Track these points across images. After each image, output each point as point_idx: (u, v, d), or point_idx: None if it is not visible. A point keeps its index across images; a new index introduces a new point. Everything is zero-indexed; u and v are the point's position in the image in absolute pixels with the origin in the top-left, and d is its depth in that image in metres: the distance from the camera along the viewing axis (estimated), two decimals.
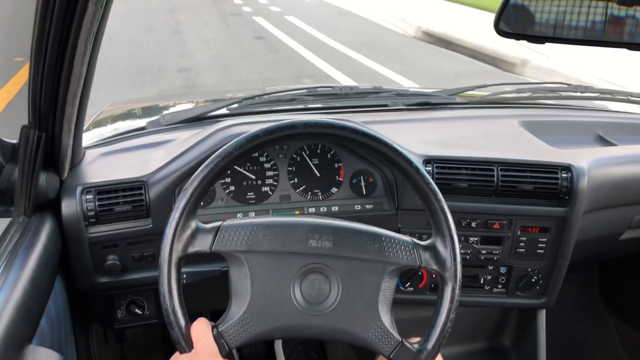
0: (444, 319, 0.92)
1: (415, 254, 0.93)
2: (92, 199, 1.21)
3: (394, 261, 0.92)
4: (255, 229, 0.91)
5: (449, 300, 0.92)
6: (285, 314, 0.90)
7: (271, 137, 0.91)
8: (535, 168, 1.36)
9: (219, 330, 0.88)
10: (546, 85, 1.78)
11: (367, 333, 0.91)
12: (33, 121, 1.03)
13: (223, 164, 0.90)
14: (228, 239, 0.90)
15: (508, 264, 1.44)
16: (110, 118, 1.83)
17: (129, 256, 1.27)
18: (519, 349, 1.72)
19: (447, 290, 0.92)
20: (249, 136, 0.90)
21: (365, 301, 0.91)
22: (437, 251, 0.94)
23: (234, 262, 0.90)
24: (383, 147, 0.94)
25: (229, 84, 5.99)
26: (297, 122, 0.92)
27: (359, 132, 0.93)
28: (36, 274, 0.97)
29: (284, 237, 0.91)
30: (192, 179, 0.89)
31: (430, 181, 0.94)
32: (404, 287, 1.43)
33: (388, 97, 1.66)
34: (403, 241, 0.93)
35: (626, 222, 1.54)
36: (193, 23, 10.00)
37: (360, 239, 0.92)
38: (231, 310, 0.90)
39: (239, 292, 0.90)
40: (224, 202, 1.34)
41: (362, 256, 0.91)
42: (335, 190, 1.38)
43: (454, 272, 0.92)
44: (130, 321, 1.37)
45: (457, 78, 6.40)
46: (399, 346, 0.91)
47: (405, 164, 0.94)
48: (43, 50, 0.92)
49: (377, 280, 0.91)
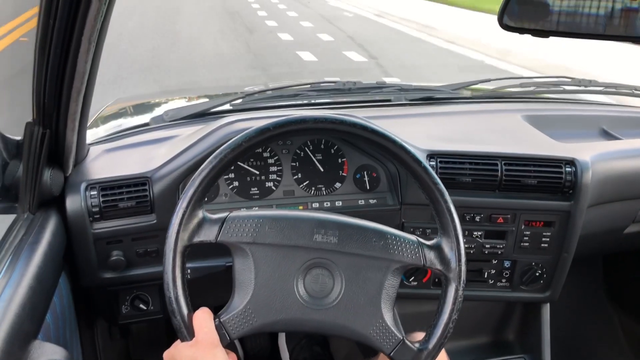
0: (446, 319, 0.91)
1: (420, 253, 0.93)
2: (97, 195, 1.21)
3: (398, 259, 0.92)
4: (262, 222, 0.91)
5: (452, 301, 0.92)
6: (288, 307, 0.90)
7: (281, 130, 0.91)
8: (539, 162, 1.36)
9: (221, 321, 0.88)
10: (550, 80, 1.77)
11: (368, 330, 0.91)
12: (37, 118, 1.03)
13: (232, 155, 0.90)
14: (234, 230, 0.90)
15: (512, 258, 1.44)
16: (114, 114, 1.83)
17: (133, 252, 1.27)
18: (523, 343, 1.72)
19: (451, 291, 0.92)
20: (258, 129, 0.90)
21: (368, 298, 0.91)
22: (442, 251, 0.93)
23: (239, 254, 0.90)
24: (392, 145, 0.94)
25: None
26: (307, 117, 0.92)
27: (367, 129, 0.93)
28: (41, 270, 0.97)
29: (289, 231, 0.91)
30: (200, 169, 0.89)
31: (438, 181, 0.94)
32: (408, 282, 1.43)
33: (391, 92, 1.66)
34: (408, 240, 0.93)
35: (630, 216, 1.54)
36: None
37: (365, 236, 0.92)
38: (234, 301, 0.90)
39: (243, 283, 0.90)
40: (228, 197, 1.34)
41: (367, 253, 0.91)
42: (339, 185, 1.38)
43: (458, 273, 0.92)
44: (135, 316, 1.38)
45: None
46: (399, 344, 0.91)
47: (413, 163, 0.94)
48: (47, 47, 0.92)
49: (381, 277, 0.91)
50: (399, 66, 7.54)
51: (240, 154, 0.91)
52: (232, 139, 0.91)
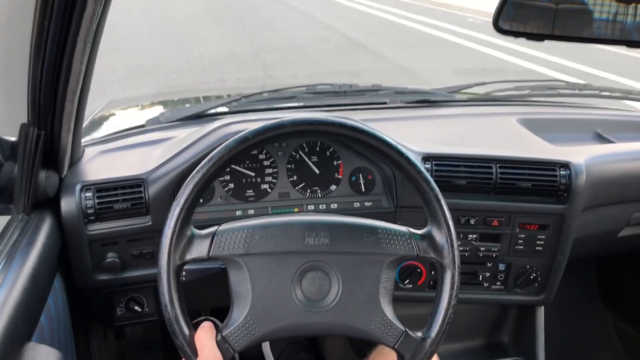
0: (446, 305, 0.92)
1: (412, 244, 0.93)
2: (92, 196, 1.21)
3: (391, 252, 0.92)
4: (252, 231, 0.90)
5: (450, 287, 0.92)
6: (288, 314, 0.89)
7: (260, 138, 0.91)
8: (533, 165, 1.36)
9: (223, 335, 0.88)
10: (545, 83, 1.78)
11: (370, 325, 0.91)
12: (32, 119, 1.03)
13: (214, 169, 0.89)
14: (225, 244, 0.90)
15: (507, 260, 1.44)
16: (109, 116, 1.83)
17: (128, 254, 1.27)
18: (517, 346, 1.73)
19: (447, 277, 0.93)
20: (237, 139, 0.90)
21: (367, 294, 0.91)
22: (433, 239, 0.94)
23: (233, 266, 0.90)
24: (373, 139, 0.93)
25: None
26: (285, 121, 0.92)
27: (347, 126, 0.93)
28: (36, 272, 0.97)
29: (280, 237, 0.91)
30: (184, 185, 0.89)
31: (422, 170, 0.94)
32: (403, 284, 1.43)
33: (387, 94, 1.66)
34: (399, 232, 0.94)
35: (624, 219, 1.55)
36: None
37: (356, 233, 0.92)
38: (233, 314, 0.90)
39: (240, 295, 0.90)
40: (223, 199, 1.34)
41: (360, 250, 0.92)
42: (334, 187, 1.38)
43: (452, 259, 0.93)
44: (130, 318, 1.37)
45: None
46: (403, 336, 0.91)
47: (396, 156, 0.94)
48: (42, 48, 0.92)
49: (377, 272, 0.92)
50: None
51: (223, 166, 0.90)
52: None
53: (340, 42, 8.86)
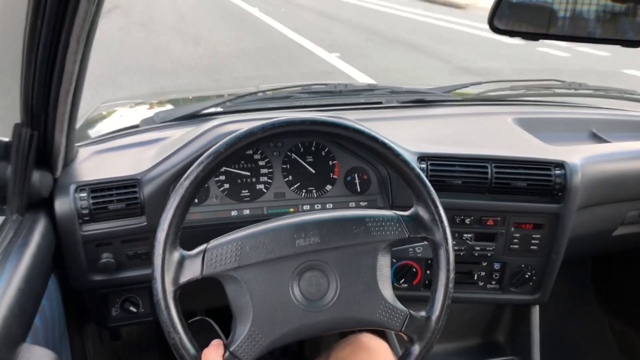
0: (445, 280, 0.93)
1: (402, 227, 0.94)
2: (86, 197, 1.20)
3: (382, 239, 0.93)
4: (241, 243, 0.90)
5: (445, 262, 0.93)
6: (291, 318, 0.89)
7: (232, 149, 0.90)
8: (528, 165, 1.37)
9: (231, 351, 0.87)
10: (540, 83, 1.79)
11: (374, 314, 0.91)
12: (26, 119, 1.02)
13: (191, 188, 0.89)
14: (216, 260, 0.89)
15: (502, 260, 1.44)
16: (104, 116, 1.82)
17: (123, 254, 1.27)
18: (512, 345, 1.73)
19: (441, 253, 0.94)
20: (210, 154, 0.89)
21: (365, 284, 0.91)
22: (421, 218, 0.95)
23: (229, 281, 0.89)
24: (344, 130, 0.94)
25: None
26: (255, 128, 0.90)
27: (317, 122, 0.93)
28: (30, 273, 0.96)
29: (270, 244, 0.90)
30: (165, 211, 0.88)
31: (400, 152, 0.94)
32: (399, 284, 1.43)
33: (382, 94, 1.66)
34: (388, 217, 0.94)
35: (619, 219, 1.55)
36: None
37: (345, 226, 0.92)
38: (237, 328, 0.89)
39: (241, 308, 0.89)
40: (219, 199, 1.33)
41: (351, 242, 0.92)
42: (330, 187, 1.38)
43: (443, 234, 0.93)
44: (125, 319, 1.37)
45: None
46: (407, 319, 0.92)
47: (370, 142, 0.94)
48: (35, 48, 0.91)
49: (372, 261, 0.92)
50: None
51: (200, 184, 0.90)
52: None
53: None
